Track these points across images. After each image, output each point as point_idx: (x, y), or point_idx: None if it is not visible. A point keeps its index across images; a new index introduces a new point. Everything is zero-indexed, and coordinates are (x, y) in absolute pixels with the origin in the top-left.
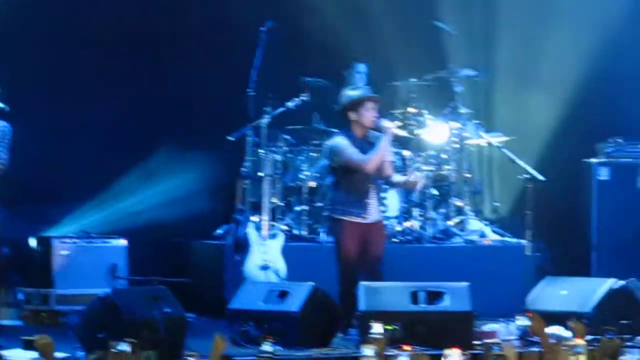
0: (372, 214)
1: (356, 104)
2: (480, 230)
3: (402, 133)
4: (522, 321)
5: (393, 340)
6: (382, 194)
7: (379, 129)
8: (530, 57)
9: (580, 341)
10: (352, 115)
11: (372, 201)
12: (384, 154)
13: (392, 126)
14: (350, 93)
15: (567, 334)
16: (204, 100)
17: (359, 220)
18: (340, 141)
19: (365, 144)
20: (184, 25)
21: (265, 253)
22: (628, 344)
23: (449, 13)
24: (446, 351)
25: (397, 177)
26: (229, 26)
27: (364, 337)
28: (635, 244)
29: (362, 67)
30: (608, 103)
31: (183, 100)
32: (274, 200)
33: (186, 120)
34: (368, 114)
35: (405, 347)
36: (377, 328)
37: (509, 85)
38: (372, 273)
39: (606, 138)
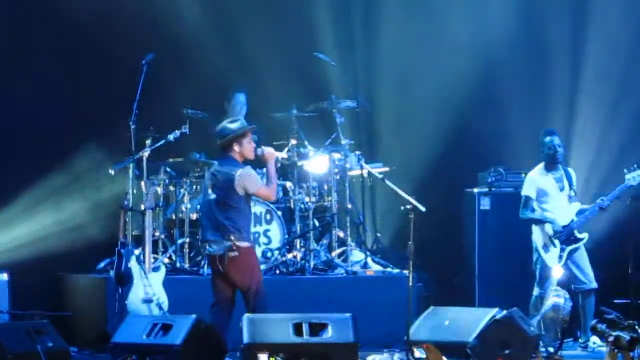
0: None
1: (239, 136)
2: (362, 261)
3: (283, 154)
4: (419, 353)
5: None
6: (266, 226)
7: (259, 157)
8: (410, 86)
9: None
10: (235, 147)
11: None
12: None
13: (271, 151)
14: (231, 126)
15: None
16: (85, 132)
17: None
18: (252, 172)
19: None
20: (69, 55)
21: (148, 286)
22: None
23: (331, 44)
24: None
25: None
26: (111, 57)
27: None
28: (518, 273)
29: (242, 98)
30: (490, 132)
31: (66, 131)
32: (156, 232)
33: (68, 152)
34: (250, 146)
35: None
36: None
37: (391, 116)
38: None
39: (488, 167)
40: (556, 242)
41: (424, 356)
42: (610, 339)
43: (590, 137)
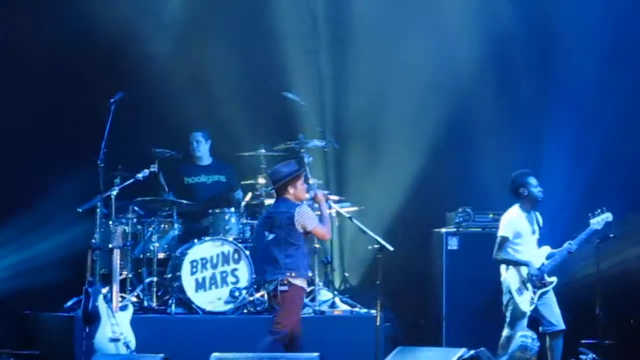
0: None
1: (293, 179)
2: (330, 301)
3: (334, 197)
4: None
5: None
6: (234, 265)
7: (312, 199)
8: (379, 126)
9: None
10: (290, 190)
11: None
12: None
13: (323, 193)
14: (284, 169)
15: None
16: (53, 171)
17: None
18: (310, 210)
19: None
20: (35, 93)
21: (115, 325)
22: None
23: (299, 83)
24: None
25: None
26: (78, 96)
27: None
28: (485, 313)
29: (198, 137)
30: (457, 173)
31: (33, 170)
32: (124, 271)
33: (36, 191)
34: (303, 187)
35: None
36: None
37: (359, 155)
38: None
39: (456, 207)
40: (529, 285)
41: None
42: None
43: (556, 179)
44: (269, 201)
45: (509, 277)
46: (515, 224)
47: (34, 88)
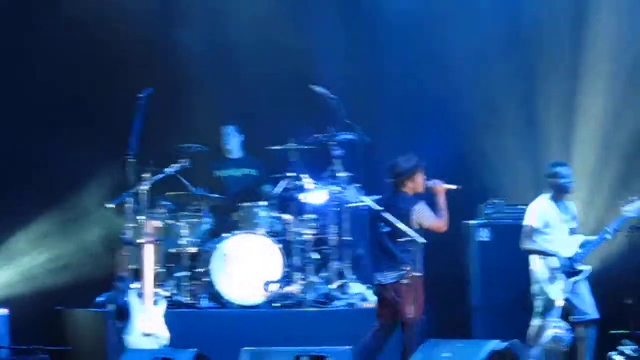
0: None
1: (415, 173)
2: (361, 294)
3: (453, 187)
4: None
5: None
6: (265, 259)
7: (430, 190)
8: (410, 118)
9: None
10: (409, 184)
11: None
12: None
13: (441, 184)
14: (405, 165)
15: None
16: (84, 166)
17: None
18: (426, 208)
19: None
20: (65, 90)
21: (148, 320)
22: None
23: (331, 76)
24: None
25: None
26: (108, 92)
27: None
28: (517, 305)
29: (229, 130)
30: (489, 165)
31: (64, 167)
32: (156, 266)
33: (66, 187)
34: (422, 180)
35: None
36: None
37: (390, 148)
38: None
39: (486, 199)
40: (560, 275)
41: None
42: None
43: (587, 169)
44: (299, 195)
45: (539, 267)
46: (543, 213)
47: (64, 81)
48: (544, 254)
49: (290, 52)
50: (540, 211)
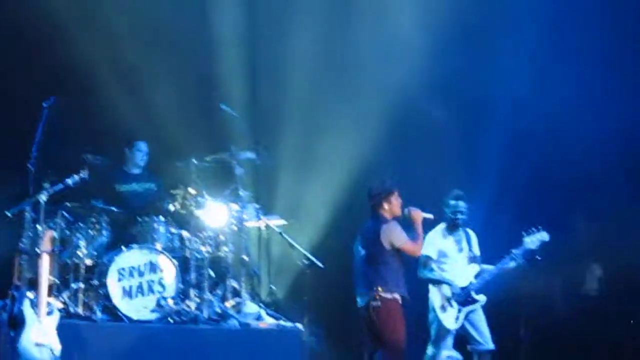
0: None
1: (390, 194)
2: (256, 313)
3: (429, 216)
4: None
5: None
6: (161, 274)
7: (406, 216)
8: (312, 140)
9: None
10: (385, 206)
11: None
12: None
13: (417, 211)
14: (380, 186)
15: None
16: None
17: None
18: (398, 227)
19: None
20: None
21: (41, 330)
22: None
23: (234, 95)
24: None
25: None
26: (10, 99)
27: None
28: (412, 331)
29: (143, 147)
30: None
31: None
32: (51, 277)
33: None
34: (398, 203)
35: None
36: None
37: (291, 169)
38: None
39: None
40: (454, 303)
41: None
42: None
43: (487, 198)
44: (198, 212)
45: (433, 295)
46: (437, 243)
47: None
48: (438, 282)
49: (196, 70)
50: (433, 240)
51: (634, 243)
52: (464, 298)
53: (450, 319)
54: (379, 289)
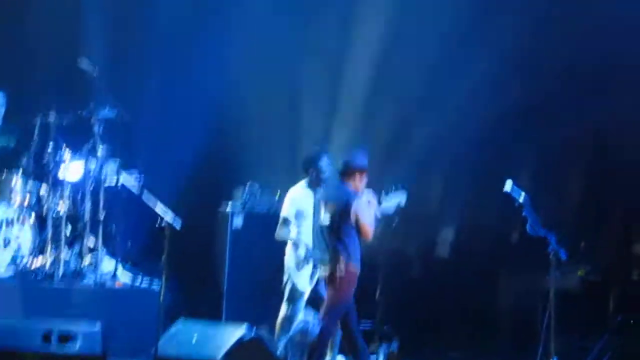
0: None
1: (364, 172)
2: (113, 271)
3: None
4: None
5: None
6: (18, 231)
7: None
8: (172, 99)
9: None
10: (357, 179)
11: None
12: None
13: (373, 199)
14: (361, 161)
15: None
16: None
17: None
18: (367, 206)
19: None
20: None
21: None
22: None
23: (98, 50)
24: None
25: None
26: None
27: None
28: (266, 292)
29: (2, 97)
30: (247, 146)
31: None
32: None
33: None
34: (364, 183)
35: None
36: None
37: (151, 127)
38: None
39: (245, 181)
40: (308, 265)
41: None
42: None
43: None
44: (56, 168)
45: (288, 255)
46: (297, 202)
47: None
48: (294, 243)
49: (58, 23)
50: (293, 201)
51: (484, 206)
52: (318, 260)
53: (304, 279)
54: (342, 259)
